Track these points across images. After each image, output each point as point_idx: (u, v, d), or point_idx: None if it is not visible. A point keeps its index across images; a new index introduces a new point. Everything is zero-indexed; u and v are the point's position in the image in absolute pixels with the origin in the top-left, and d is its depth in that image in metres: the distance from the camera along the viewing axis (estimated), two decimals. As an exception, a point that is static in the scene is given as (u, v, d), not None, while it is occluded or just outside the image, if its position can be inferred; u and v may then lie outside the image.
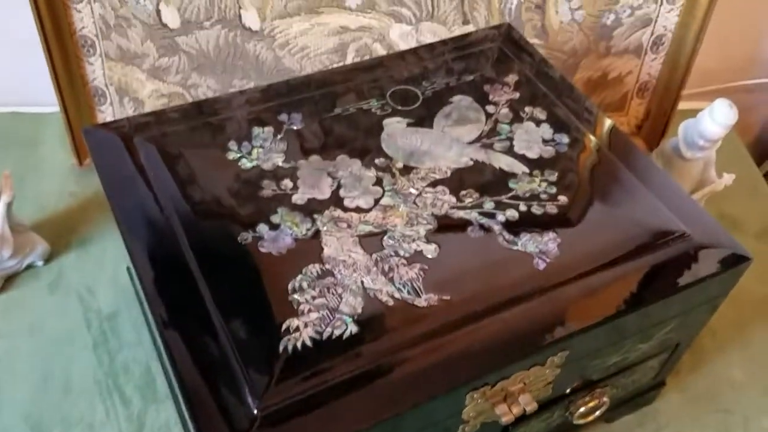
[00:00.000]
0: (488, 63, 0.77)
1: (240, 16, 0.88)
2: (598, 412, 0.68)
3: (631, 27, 0.95)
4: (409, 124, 0.69)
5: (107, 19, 0.87)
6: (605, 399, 0.67)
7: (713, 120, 0.85)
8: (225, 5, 0.88)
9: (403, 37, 0.92)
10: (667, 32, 0.96)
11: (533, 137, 0.68)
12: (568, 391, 0.65)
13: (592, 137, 0.69)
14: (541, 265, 0.58)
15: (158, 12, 0.87)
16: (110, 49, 0.90)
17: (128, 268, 0.86)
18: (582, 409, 0.66)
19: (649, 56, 0.98)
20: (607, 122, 0.72)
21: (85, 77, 0.92)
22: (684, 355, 0.84)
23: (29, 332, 0.82)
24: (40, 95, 1.01)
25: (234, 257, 0.57)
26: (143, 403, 0.77)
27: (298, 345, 0.52)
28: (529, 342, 0.55)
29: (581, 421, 0.68)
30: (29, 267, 0.88)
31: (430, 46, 0.79)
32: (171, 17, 0.88)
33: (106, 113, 0.95)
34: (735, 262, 0.61)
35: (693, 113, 0.87)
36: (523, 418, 0.63)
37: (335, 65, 0.93)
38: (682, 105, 1.02)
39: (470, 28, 0.91)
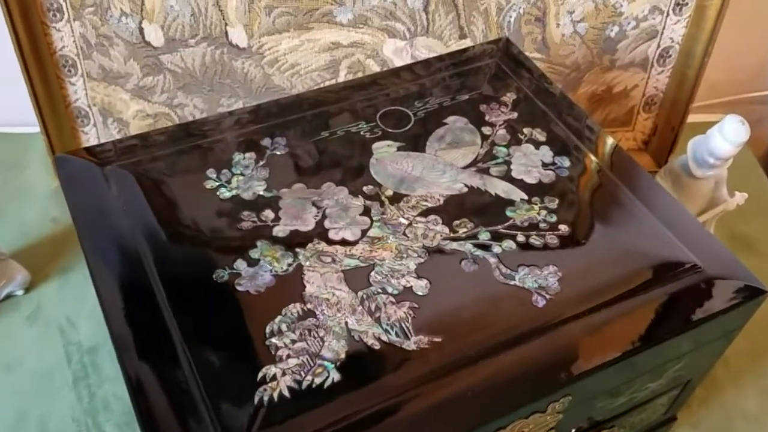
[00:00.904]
0: (485, 80, 0.73)
1: (226, 33, 0.85)
2: (605, 453, 0.64)
3: (637, 39, 0.91)
4: (399, 148, 0.65)
5: (88, 38, 0.84)
6: (612, 440, 0.63)
7: (724, 138, 0.81)
8: (210, 22, 0.84)
9: (397, 53, 0.88)
10: (674, 44, 0.92)
11: (532, 161, 0.64)
12: (572, 433, 0.60)
13: (594, 159, 0.65)
14: (541, 303, 0.54)
15: (141, 30, 0.84)
16: (92, 68, 0.86)
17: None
18: (587, 451, 0.62)
19: (656, 69, 0.94)
20: (610, 142, 0.67)
21: (67, 98, 0.88)
22: (696, 388, 0.80)
23: (7, 367, 0.78)
24: (24, 116, 0.98)
25: (208, 296, 0.53)
26: (124, 444, 0.74)
27: (275, 396, 0.48)
28: (527, 388, 0.50)
29: (587, 463, 0.64)
30: (8, 296, 0.84)
31: (426, 63, 0.75)
32: (154, 35, 0.84)
33: (90, 135, 0.91)
34: (751, 295, 0.57)
35: (702, 127, 0.82)
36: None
37: (327, 83, 0.89)
38: (691, 118, 0.98)
39: (467, 42, 0.87)
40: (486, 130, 0.67)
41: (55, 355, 0.80)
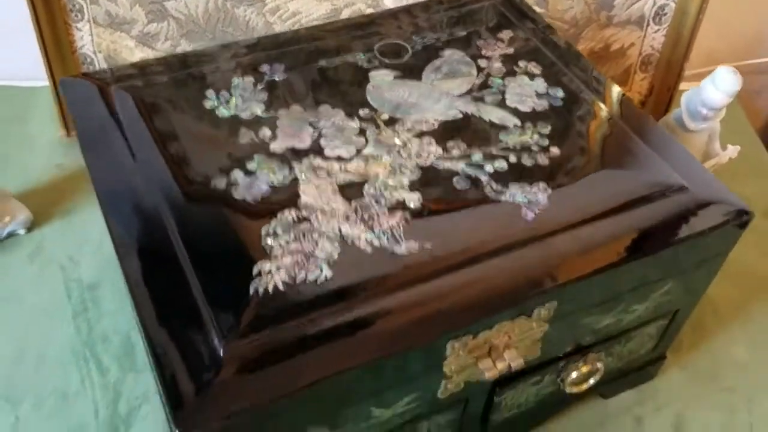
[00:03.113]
0: (483, 20, 0.74)
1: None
2: (591, 381, 0.65)
3: (633, -4, 0.92)
4: (396, 77, 0.66)
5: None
6: (599, 365, 0.64)
7: (716, 87, 0.82)
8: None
9: (397, 2, 0.89)
10: (670, 2, 0.93)
11: (526, 91, 0.65)
12: (559, 355, 0.61)
13: (587, 91, 0.66)
14: (530, 216, 0.55)
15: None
16: (99, 14, 0.88)
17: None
18: (574, 375, 0.63)
19: (652, 28, 0.95)
20: (602, 77, 0.69)
21: (74, 44, 0.90)
22: (685, 330, 0.80)
23: (6, 302, 0.80)
24: (29, 70, 1.00)
25: (206, 202, 0.55)
26: (121, 373, 0.75)
27: (270, 288, 0.49)
28: (512, 290, 0.52)
29: (574, 390, 0.65)
30: (10, 236, 0.86)
31: (425, 5, 0.76)
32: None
33: (94, 82, 0.92)
34: (735, 217, 0.58)
35: (698, 92, 0.84)
36: (509, 380, 0.60)
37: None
38: (687, 85, 0.99)
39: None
40: (482, 62, 0.68)
41: (55, 291, 0.81)
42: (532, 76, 0.67)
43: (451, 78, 0.66)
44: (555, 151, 0.60)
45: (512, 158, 0.59)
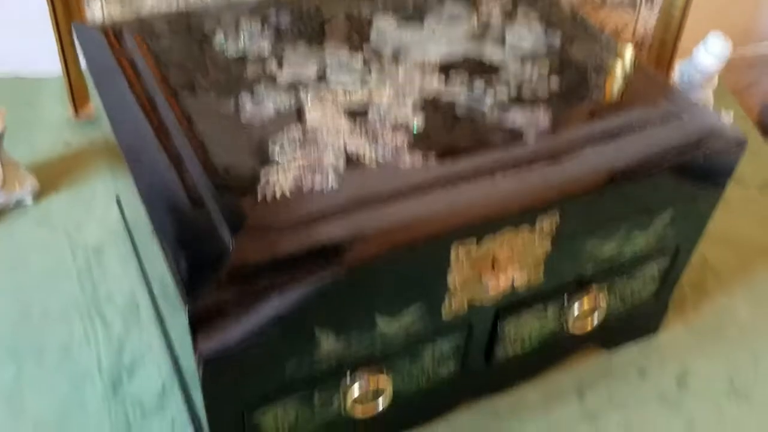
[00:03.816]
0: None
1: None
2: (595, 318, 0.65)
3: (625, -23, 0.95)
4: (399, 24, 0.68)
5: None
6: (602, 300, 0.64)
7: (708, 52, 0.85)
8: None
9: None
10: (661, -17, 0.96)
11: (525, 35, 0.68)
12: (562, 284, 0.62)
13: (585, 37, 0.69)
14: (531, 136, 0.57)
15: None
16: (109, -7, 0.90)
17: (118, 200, 0.84)
18: (577, 310, 0.63)
19: (645, 9, 0.99)
20: (598, 30, 0.71)
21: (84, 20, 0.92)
22: (687, 291, 0.81)
23: (12, 266, 0.80)
24: (41, 61, 1.02)
25: (213, 123, 0.56)
26: (125, 327, 0.75)
27: (277, 193, 0.50)
28: (514, 196, 0.53)
29: (577, 328, 0.65)
30: (18, 204, 0.87)
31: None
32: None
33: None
34: (730, 144, 0.59)
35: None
36: (513, 308, 0.60)
37: None
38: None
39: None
40: (484, 9, 0.70)
41: (61, 254, 0.82)
42: (531, 22, 0.69)
43: (452, 24, 0.68)
44: (555, 81, 0.62)
45: (513, 88, 0.61)
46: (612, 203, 0.57)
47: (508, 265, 0.55)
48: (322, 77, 0.61)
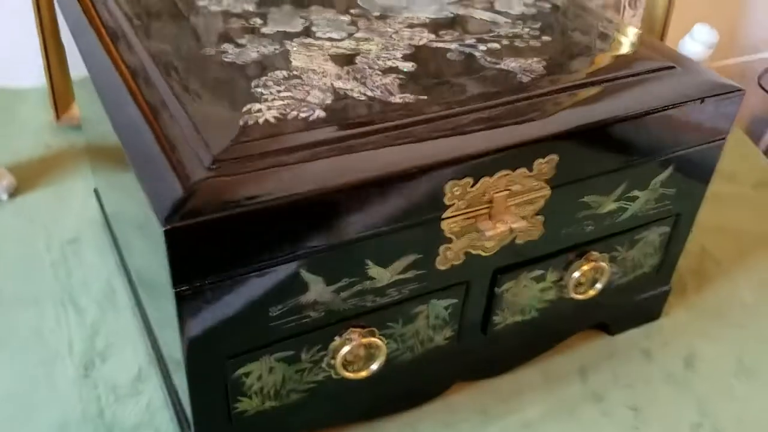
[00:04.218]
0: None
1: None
2: (598, 285, 0.62)
3: (610, -23, 0.96)
4: (386, -7, 0.67)
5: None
6: (602, 265, 0.61)
7: (695, 40, 0.85)
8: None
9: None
10: (645, -15, 0.97)
11: (515, 3, 0.67)
12: (561, 248, 0.59)
13: (575, 6, 0.68)
14: (525, 79, 0.55)
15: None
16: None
17: (96, 192, 0.81)
18: (577, 274, 0.60)
19: (628, 12, 0.99)
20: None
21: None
22: (688, 277, 0.79)
23: (-13, 257, 0.77)
24: (23, 72, 1.01)
25: (195, 62, 0.54)
26: (100, 313, 0.71)
27: (260, 120, 0.47)
28: (510, 137, 0.50)
29: (578, 295, 0.62)
30: (-6, 200, 0.84)
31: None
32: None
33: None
34: (724, 91, 0.58)
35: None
36: (511, 268, 0.57)
37: None
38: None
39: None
40: (470, -18, 0.70)
41: (36, 246, 0.78)
42: (519, -7, 0.68)
43: (440, -8, 0.68)
44: (547, 38, 0.61)
45: (505, 42, 0.60)
46: (609, 150, 0.55)
47: (506, 211, 0.52)
48: (308, 32, 0.59)
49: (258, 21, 0.60)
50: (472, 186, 0.50)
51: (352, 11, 0.63)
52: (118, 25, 0.59)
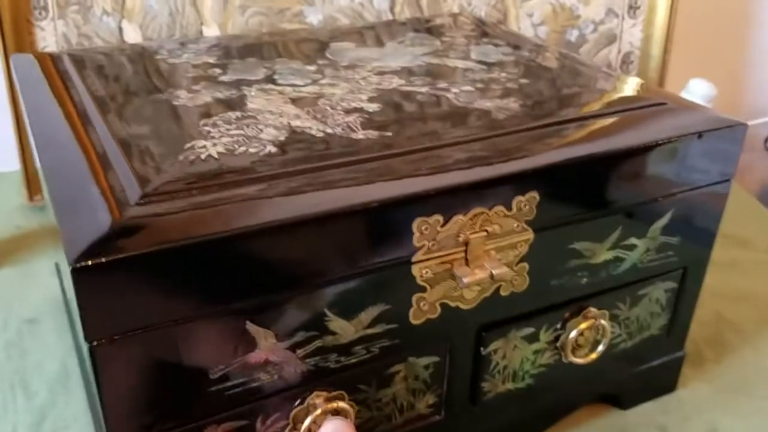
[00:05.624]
0: (450, 28, 0.74)
1: (201, 32, 0.88)
2: (600, 348, 0.55)
3: (597, 44, 0.94)
4: (358, 46, 0.64)
5: (69, 37, 0.87)
6: (603, 324, 0.54)
7: (692, 94, 0.82)
8: (187, 21, 0.88)
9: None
10: (634, 49, 0.95)
11: (491, 50, 0.64)
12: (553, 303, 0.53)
13: (553, 49, 0.65)
14: (501, 116, 0.50)
15: (120, 30, 0.87)
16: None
17: (57, 267, 0.76)
18: (574, 333, 0.53)
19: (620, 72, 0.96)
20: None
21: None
22: (705, 348, 0.71)
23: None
24: (2, 158, 0.99)
25: (139, 106, 0.50)
26: (50, 396, 0.64)
27: (203, 156, 0.43)
28: (481, 171, 0.45)
29: (578, 359, 0.55)
30: (-45, 280, 0.79)
31: (387, 23, 0.77)
32: (133, 34, 0.88)
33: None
34: (724, 125, 0.53)
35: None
36: (498, 324, 0.51)
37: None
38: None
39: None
40: (446, 38, 0.67)
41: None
42: (496, 45, 0.65)
43: (414, 45, 0.65)
44: (524, 81, 0.57)
45: (479, 85, 0.56)
46: (597, 190, 0.50)
47: (485, 255, 0.46)
48: (269, 80, 0.56)
49: (217, 71, 0.57)
50: (442, 225, 0.44)
51: (319, 62, 0.60)
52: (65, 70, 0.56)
